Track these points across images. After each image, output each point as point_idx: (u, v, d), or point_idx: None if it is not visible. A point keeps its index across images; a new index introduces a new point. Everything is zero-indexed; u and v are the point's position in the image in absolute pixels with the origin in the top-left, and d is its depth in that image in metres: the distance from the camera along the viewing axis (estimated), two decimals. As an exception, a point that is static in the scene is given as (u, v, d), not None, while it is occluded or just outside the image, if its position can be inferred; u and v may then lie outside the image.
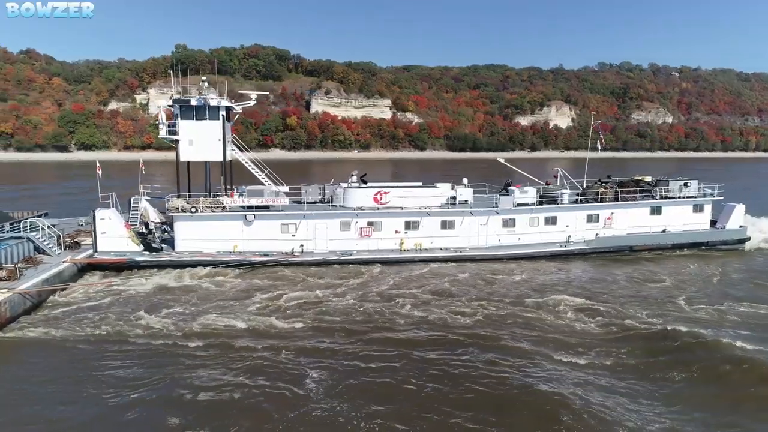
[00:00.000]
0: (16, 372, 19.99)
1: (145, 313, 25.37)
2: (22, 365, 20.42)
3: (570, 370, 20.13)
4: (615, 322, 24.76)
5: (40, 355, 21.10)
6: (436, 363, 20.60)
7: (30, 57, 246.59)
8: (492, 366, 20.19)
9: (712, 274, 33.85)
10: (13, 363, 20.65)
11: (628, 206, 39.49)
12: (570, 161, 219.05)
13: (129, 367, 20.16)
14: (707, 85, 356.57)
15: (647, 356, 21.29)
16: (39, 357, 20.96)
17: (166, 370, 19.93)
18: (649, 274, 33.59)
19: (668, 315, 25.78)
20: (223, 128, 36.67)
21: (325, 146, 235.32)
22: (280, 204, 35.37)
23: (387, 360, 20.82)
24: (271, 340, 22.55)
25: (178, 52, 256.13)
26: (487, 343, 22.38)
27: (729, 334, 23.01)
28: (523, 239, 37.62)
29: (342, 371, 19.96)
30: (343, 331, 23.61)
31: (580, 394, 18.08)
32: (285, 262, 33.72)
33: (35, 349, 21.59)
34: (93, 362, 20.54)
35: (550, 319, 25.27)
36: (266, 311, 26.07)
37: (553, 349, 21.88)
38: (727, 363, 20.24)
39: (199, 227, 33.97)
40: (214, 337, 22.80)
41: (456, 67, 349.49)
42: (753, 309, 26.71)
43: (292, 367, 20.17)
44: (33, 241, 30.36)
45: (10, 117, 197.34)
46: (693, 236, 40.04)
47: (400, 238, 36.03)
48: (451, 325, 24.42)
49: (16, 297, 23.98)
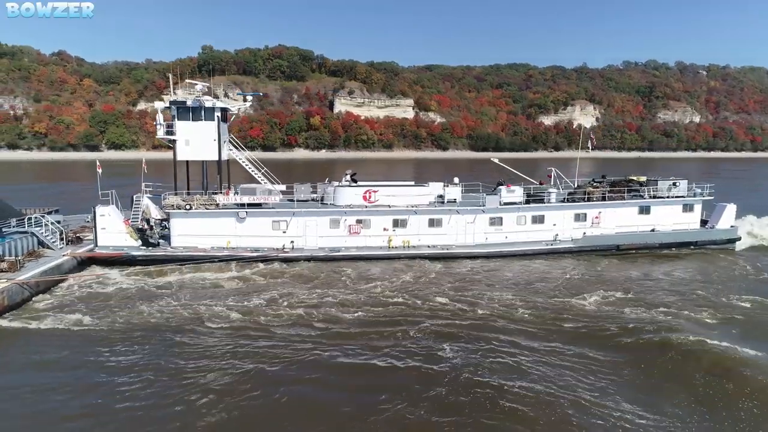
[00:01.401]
0: (11, 357, 20.75)
1: (139, 303, 26.17)
2: (17, 351, 21.15)
3: (536, 356, 20.70)
4: (593, 318, 24.86)
5: (34, 342, 21.86)
6: (419, 353, 21.16)
7: (62, 59, 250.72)
8: (472, 357, 20.61)
9: (695, 273, 33.82)
10: (8, 348, 21.44)
11: (616, 205, 39.41)
12: (593, 161, 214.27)
13: (120, 354, 20.77)
14: (736, 84, 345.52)
15: (622, 351, 21.41)
16: (33, 343, 21.70)
17: (159, 357, 20.51)
18: (633, 272, 33.77)
19: (640, 310, 25.93)
20: (218, 129, 37.48)
21: (348, 146, 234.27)
22: (272, 202, 36.14)
23: (373, 353, 21.09)
24: (262, 331, 23.16)
25: (204, 53, 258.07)
26: (466, 333, 22.86)
27: (701, 332, 22.91)
28: (511, 237, 37.85)
29: (323, 358, 20.56)
30: (324, 322, 24.26)
31: (545, 384, 18.45)
32: (276, 257, 34.21)
33: (30, 336, 22.43)
34: (85, 349, 21.18)
35: (527, 314, 25.48)
36: (257, 304, 26.50)
37: (532, 340, 22.38)
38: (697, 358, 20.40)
39: (193, 224, 34.92)
40: (206, 327, 23.51)
41: (478, 67, 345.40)
42: (727, 307, 26.48)
43: (283, 353, 20.82)
44: (37, 236, 31.72)
45: (44, 117, 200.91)
46: (681, 236, 39.64)
47: (388, 236, 36.54)
48: (430, 318, 24.84)
49: (14, 287, 25.28)
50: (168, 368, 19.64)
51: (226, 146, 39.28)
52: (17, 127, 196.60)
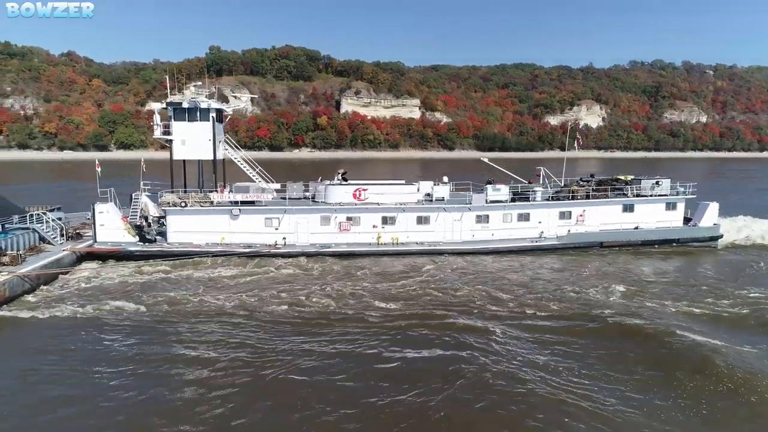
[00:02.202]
0: (11, 345, 21.65)
1: (135, 296, 27.06)
2: (16, 339, 22.09)
3: (522, 345, 21.51)
4: (572, 310, 25.67)
5: (32, 331, 22.76)
6: (405, 341, 22.04)
7: (71, 59, 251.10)
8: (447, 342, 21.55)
9: (673, 269, 34.53)
10: (9, 335, 22.47)
11: (600, 204, 40.23)
12: (600, 161, 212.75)
13: (115, 342, 21.64)
14: (743, 83, 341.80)
15: (602, 338, 22.39)
16: (31, 332, 22.68)
17: (154, 346, 21.23)
18: (614, 267, 34.55)
19: (615, 303, 26.80)
20: (213, 129, 38.33)
21: (355, 146, 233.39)
22: (265, 199, 37.16)
23: (362, 342, 21.74)
24: (253, 321, 23.97)
25: (212, 53, 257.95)
26: (448, 323, 23.64)
27: (671, 322, 23.86)
28: (497, 235, 38.67)
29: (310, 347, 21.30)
30: (313, 314, 25.09)
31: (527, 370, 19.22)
32: (268, 253, 35.10)
33: (28, 326, 23.40)
34: (81, 337, 22.07)
35: (510, 305, 26.35)
36: (248, 297, 27.24)
37: (513, 329, 23.23)
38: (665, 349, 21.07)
39: (189, 220, 35.83)
40: (200, 317, 24.36)
41: (484, 67, 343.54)
42: (699, 303, 27.04)
43: (271, 342, 21.64)
44: (38, 232, 32.96)
45: (54, 117, 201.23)
46: (663, 233, 40.37)
47: (377, 233, 37.28)
48: (412, 310, 25.62)
49: (15, 279, 26.51)
50: (163, 355, 20.38)
51: (222, 146, 40.21)
52: (27, 127, 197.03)
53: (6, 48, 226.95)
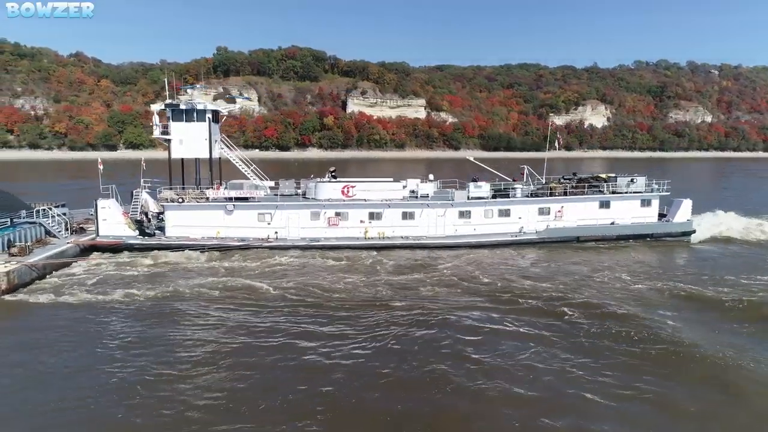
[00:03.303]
0: (19, 325, 23.38)
1: (134, 285, 28.27)
2: (24, 320, 23.87)
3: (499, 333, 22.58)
4: (546, 297, 26.91)
5: (38, 314, 24.40)
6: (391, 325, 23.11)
7: (79, 60, 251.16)
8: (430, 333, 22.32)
9: (646, 261, 35.74)
10: (17, 319, 24.16)
11: (577, 200, 41.45)
12: (605, 161, 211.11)
13: (115, 326, 22.90)
14: (748, 83, 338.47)
15: (573, 323, 23.46)
16: (37, 315, 24.29)
17: (150, 329, 22.55)
18: (588, 259, 35.98)
19: (587, 290, 28.25)
20: (209, 129, 39.80)
21: (362, 145, 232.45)
22: (258, 196, 38.42)
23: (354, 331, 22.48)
24: (245, 308, 25.10)
25: (219, 53, 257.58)
26: (433, 315, 24.41)
27: (634, 307, 25.24)
28: (479, 230, 39.84)
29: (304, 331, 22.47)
30: (302, 301, 26.43)
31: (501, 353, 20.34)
32: (261, 246, 36.45)
33: (35, 309, 25.08)
34: (82, 320, 23.45)
35: (490, 295, 27.52)
36: (242, 287, 28.49)
37: (495, 313, 24.58)
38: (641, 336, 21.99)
39: (186, 215, 37.21)
40: (194, 305, 25.48)
41: (489, 67, 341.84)
42: (663, 289, 28.48)
43: (262, 325, 22.97)
44: (44, 226, 34.79)
45: (64, 117, 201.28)
46: (638, 228, 41.54)
47: (364, 228, 38.50)
48: (395, 299, 26.73)
49: (24, 268, 28.45)
50: (158, 338, 21.52)
51: (218, 145, 41.79)
52: (38, 127, 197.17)
53: (16, 49, 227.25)
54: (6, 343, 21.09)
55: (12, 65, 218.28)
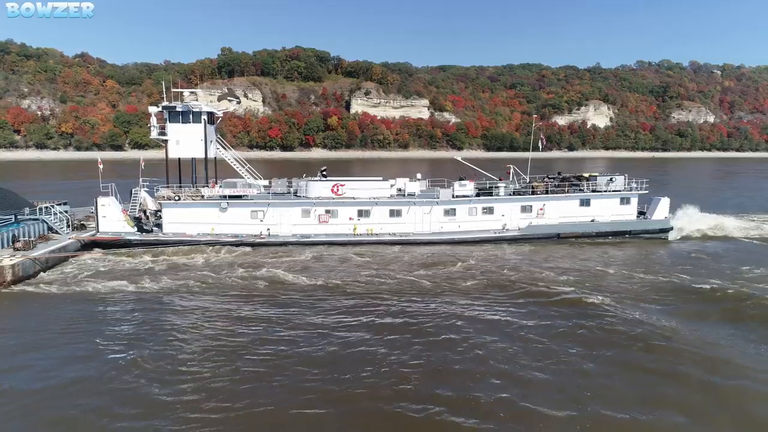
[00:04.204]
0: (22, 312, 25.01)
1: (132, 277, 29.63)
2: (27, 308, 25.40)
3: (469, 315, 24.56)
4: (524, 288, 28.47)
5: (41, 303, 26.00)
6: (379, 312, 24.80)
7: (84, 60, 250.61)
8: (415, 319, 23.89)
9: (622, 256, 36.99)
10: (21, 307, 25.75)
11: (559, 198, 42.56)
12: (609, 161, 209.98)
13: (113, 314, 24.29)
14: (751, 83, 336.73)
15: (550, 311, 24.97)
16: (40, 304, 25.86)
17: (147, 315, 24.03)
18: (566, 254, 37.30)
19: (564, 282, 29.64)
20: (204, 130, 41.05)
21: (365, 146, 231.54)
22: (251, 194, 39.61)
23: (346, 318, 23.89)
24: (238, 299, 26.44)
25: (224, 54, 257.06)
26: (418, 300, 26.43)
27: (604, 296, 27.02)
28: (463, 227, 40.98)
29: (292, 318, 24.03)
30: (291, 291, 27.88)
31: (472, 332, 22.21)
32: (254, 242, 37.64)
33: (38, 299, 26.64)
34: (82, 308, 24.90)
35: (474, 286, 29.15)
36: (234, 279, 29.91)
37: (477, 301, 26.44)
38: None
39: (182, 213, 38.33)
40: (190, 296, 26.87)
41: (491, 67, 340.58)
42: (635, 281, 30.09)
43: (256, 316, 24.01)
44: (47, 222, 36.27)
45: (70, 117, 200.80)
46: (617, 225, 42.65)
47: (353, 225, 39.69)
48: (380, 288, 28.46)
49: (28, 261, 30.02)
50: (152, 324, 22.94)
51: (213, 145, 43.23)
52: (45, 127, 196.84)
53: (22, 49, 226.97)
54: (11, 328, 22.76)
55: (18, 66, 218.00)
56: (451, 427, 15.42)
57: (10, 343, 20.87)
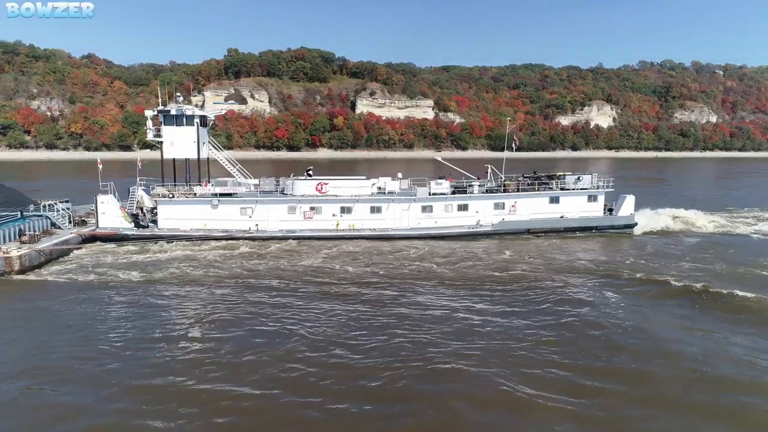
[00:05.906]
0: (27, 299, 26.58)
1: (130, 269, 31.41)
2: (32, 296, 27.03)
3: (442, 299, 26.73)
4: (498, 278, 30.56)
5: (45, 291, 27.84)
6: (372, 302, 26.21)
7: (92, 61, 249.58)
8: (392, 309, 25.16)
9: (586, 250, 38.95)
10: (27, 294, 27.55)
11: (529, 196, 44.37)
12: (613, 161, 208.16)
13: (113, 302, 25.86)
14: (753, 83, 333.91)
15: (525, 299, 26.74)
16: (44, 292, 27.63)
17: (143, 304, 25.51)
18: (536, 247, 39.33)
19: (533, 273, 31.72)
20: (197, 132, 42.89)
21: (371, 146, 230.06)
22: (240, 192, 41.46)
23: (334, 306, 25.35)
24: (231, 288, 28.12)
25: (230, 55, 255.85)
26: (395, 292, 27.76)
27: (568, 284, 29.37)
28: (440, 222, 42.94)
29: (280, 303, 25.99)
30: (279, 281, 29.68)
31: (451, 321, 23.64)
32: (243, 237, 39.49)
33: (42, 287, 28.55)
34: (83, 297, 26.44)
35: (448, 276, 30.93)
36: (225, 271, 31.62)
37: (451, 290, 28.29)
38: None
39: (176, 209, 40.30)
40: (183, 287, 28.43)
41: (494, 67, 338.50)
42: (595, 272, 32.17)
43: (246, 305, 25.36)
44: (50, 219, 38.35)
45: (79, 118, 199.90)
46: (584, 221, 44.47)
47: (336, 221, 41.52)
48: (364, 280, 30.05)
49: (33, 253, 32.18)
50: (148, 310, 24.45)
51: (206, 147, 45.22)
52: (54, 127, 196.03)
53: (31, 51, 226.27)
54: (18, 312, 24.58)
55: (28, 67, 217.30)
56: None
57: (16, 325, 22.68)
